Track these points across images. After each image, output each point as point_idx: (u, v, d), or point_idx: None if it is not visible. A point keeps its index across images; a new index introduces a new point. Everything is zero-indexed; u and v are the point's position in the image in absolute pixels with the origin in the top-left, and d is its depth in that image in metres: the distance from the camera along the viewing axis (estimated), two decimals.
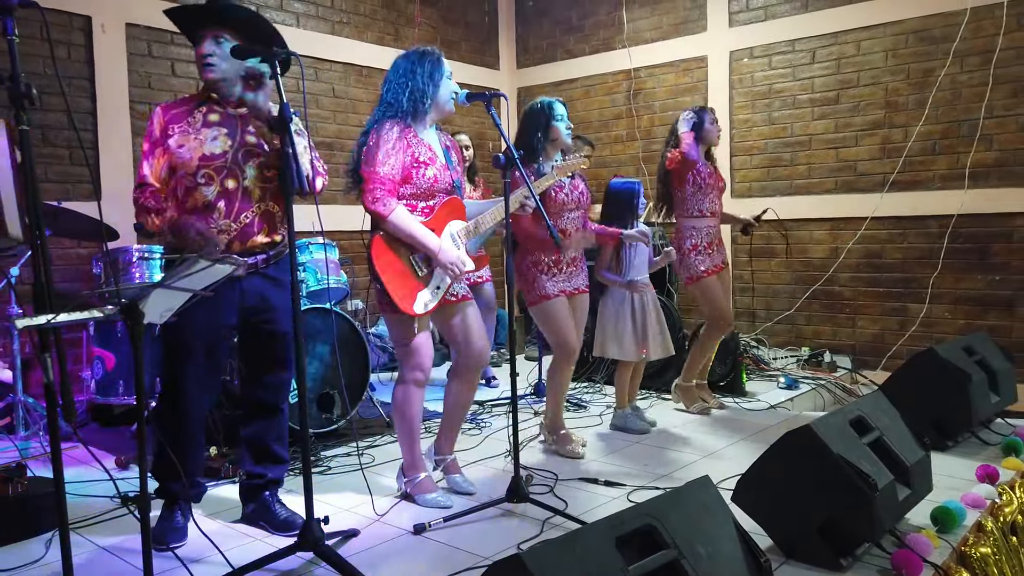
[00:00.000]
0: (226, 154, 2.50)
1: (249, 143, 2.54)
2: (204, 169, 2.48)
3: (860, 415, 2.55)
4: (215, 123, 2.52)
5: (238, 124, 2.55)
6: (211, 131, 2.51)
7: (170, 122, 2.51)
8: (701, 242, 4.09)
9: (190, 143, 2.48)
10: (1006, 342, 4.58)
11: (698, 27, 6.09)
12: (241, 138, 2.53)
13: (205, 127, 2.51)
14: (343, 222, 5.58)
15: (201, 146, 2.48)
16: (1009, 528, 2.68)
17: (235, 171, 2.51)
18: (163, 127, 2.50)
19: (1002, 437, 3.41)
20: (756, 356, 5.35)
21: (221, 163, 2.49)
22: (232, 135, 2.53)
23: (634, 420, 3.91)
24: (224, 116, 2.55)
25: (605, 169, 6.51)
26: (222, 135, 2.51)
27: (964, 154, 4.99)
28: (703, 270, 4.07)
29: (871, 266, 5.40)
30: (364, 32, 5.96)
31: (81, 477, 3.16)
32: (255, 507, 2.76)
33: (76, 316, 1.51)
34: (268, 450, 2.76)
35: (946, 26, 5.02)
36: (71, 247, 4.35)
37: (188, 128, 2.50)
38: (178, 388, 2.57)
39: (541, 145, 3.39)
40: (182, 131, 2.50)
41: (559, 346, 3.45)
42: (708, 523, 1.84)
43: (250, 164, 2.53)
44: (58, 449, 1.71)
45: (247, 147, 2.54)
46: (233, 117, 2.56)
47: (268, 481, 2.76)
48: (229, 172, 2.50)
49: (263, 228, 2.58)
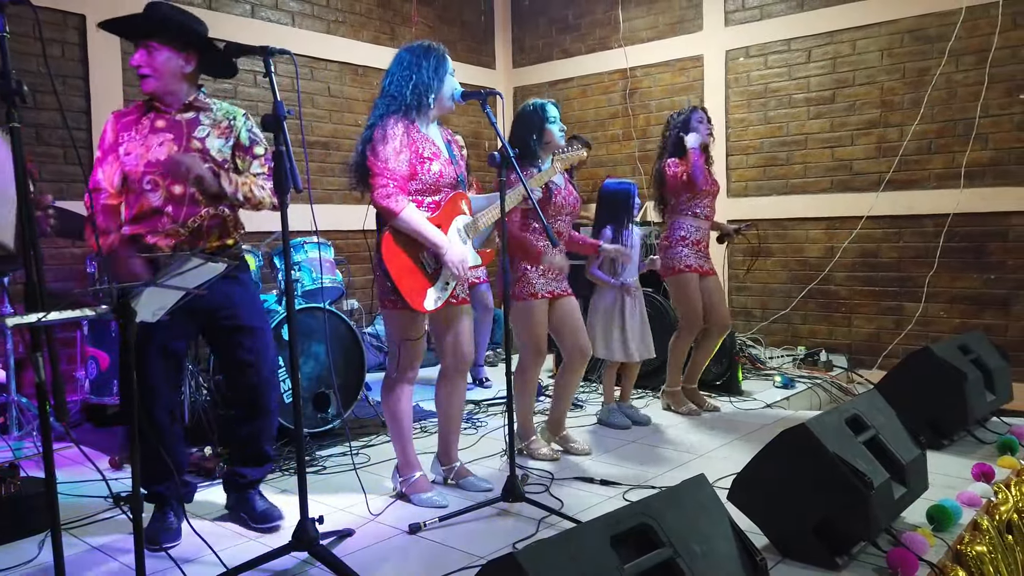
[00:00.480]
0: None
1: (195, 148, 2.55)
2: (150, 176, 2.50)
3: (856, 414, 2.55)
4: (161, 129, 2.55)
5: (184, 129, 2.57)
6: (157, 137, 2.53)
7: (121, 130, 2.56)
8: (690, 236, 4.08)
9: (137, 150, 2.52)
10: (1001, 341, 4.59)
11: (694, 26, 6.09)
12: (187, 143, 2.55)
13: (152, 133, 2.54)
14: (339, 222, 5.59)
15: (147, 152, 2.51)
16: (1005, 526, 2.68)
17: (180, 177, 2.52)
18: (116, 134, 2.55)
19: (998, 436, 3.41)
20: (752, 355, 5.35)
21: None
22: (178, 140, 2.54)
23: (617, 416, 3.93)
24: (170, 122, 2.57)
25: (601, 169, 6.51)
26: (168, 141, 2.53)
27: (960, 153, 4.99)
28: (686, 265, 4.06)
29: (867, 265, 5.40)
30: (360, 31, 5.95)
31: (74, 477, 3.14)
32: (237, 500, 2.78)
33: (66, 314, 1.50)
34: (254, 451, 2.77)
35: (941, 25, 5.02)
36: (65, 246, 4.33)
37: (136, 135, 2.54)
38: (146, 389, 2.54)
39: (536, 147, 3.38)
40: (130, 138, 2.54)
41: (530, 346, 3.40)
42: (704, 522, 1.83)
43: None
44: (50, 449, 1.70)
45: (192, 153, 2.54)
46: (179, 123, 2.57)
47: (252, 481, 2.79)
48: (174, 178, 2.51)
49: (213, 232, 2.61)
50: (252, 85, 5.26)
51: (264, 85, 5.30)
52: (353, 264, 5.75)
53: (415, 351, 2.89)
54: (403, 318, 2.82)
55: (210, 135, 2.60)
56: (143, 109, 2.60)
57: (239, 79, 5.18)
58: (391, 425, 2.98)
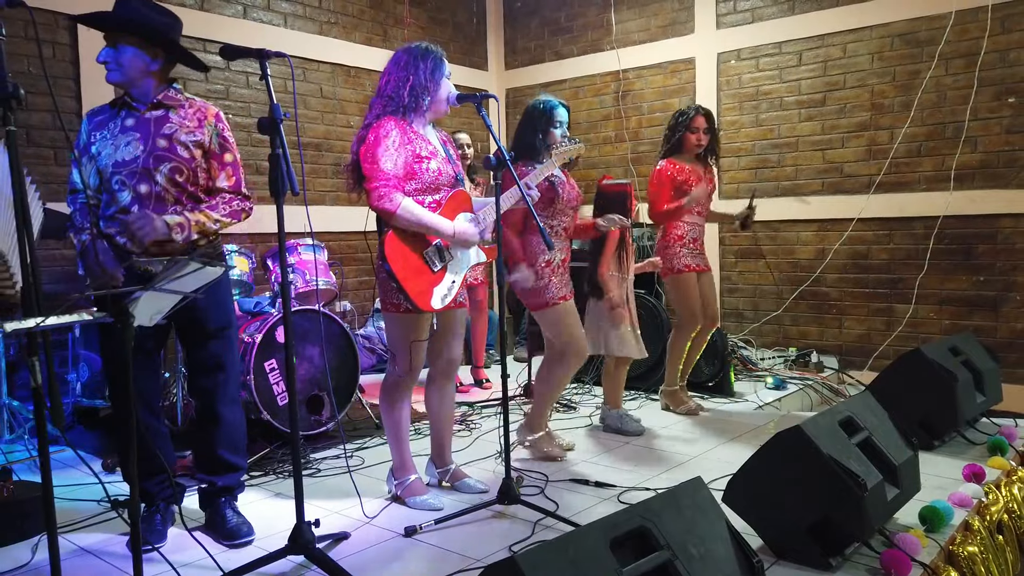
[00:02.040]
0: (137, 159, 2.50)
1: (160, 146, 2.52)
2: (118, 175, 2.50)
3: (849, 415, 2.57)
4: (130, 127, 2.54)
5: (151, 128, 2.55)
6: (126, 136, 2.52)
7: (93, 130, 2.55)
8: (687, 235, 4.11)
9: (107, 149, 2.52)
10: (991, 342, 4.63)
11: (686, 29, 6.12)
12: (152, 143, 2.52)
13: (121, 132, 2.53)
14: (332, 223, 5.59)
15: (116, 152, 2.51)
16: (996, 527, 2.70)
17: (146, 176, 2.51)
18: (88, 134, 2.55)
19: (987, 436, 3.44)
20: (744, 357, 5.38)
21: (132, 168, 2.50)
22: (144, 139, 2.52)
23: (629, 421, 3.89)
24: (139, 120, 2.55)
25: (594, 170, 6.52)
26: (135, 140, 2.52)
27: (949, 156, 5.03)
28: (685, 264, 4.09)
29: (857, 267, 5.44)
30: (352, 32, 5.94)
31: (67, 480, 3.12)
32: (209, 513, 2.72)
33: (66, 319, 1.49)
34: (215, 457, 2.68)
35: (931, 29, 5.06)
36: (56, 248, 4.31)
37: (107, 134, 2.54)
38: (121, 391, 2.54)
39: (543, 146, 3.38)
40: (102, 137, 2.53)
41: (570, 348, 3.37)
42: (701, 524, 1.84)
43: (160, 169, 2.51)
44: (46, 453, 1.69)
45: (158, 151, 2.52)
46: (147, 120, 2.56)
47: (219, 489, 2.70)
48: (140, 177, 2.50)
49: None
50: (244, 87, 5.24)
51: (256, 87, 5.29)
52: (346, 266, 5.74)
53: (421, 353, 2.88)
54: (409, 320, 2.81)
55: (176, 132, 2.55)
56: (116, 107, 2.58)
57: (231, 80, 5.17)
58: (388, 427, 2.98)
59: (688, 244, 4.11)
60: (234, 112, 5.17)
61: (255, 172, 5.21)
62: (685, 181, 4.07)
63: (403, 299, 2.73)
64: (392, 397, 2.94)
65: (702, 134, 4.11)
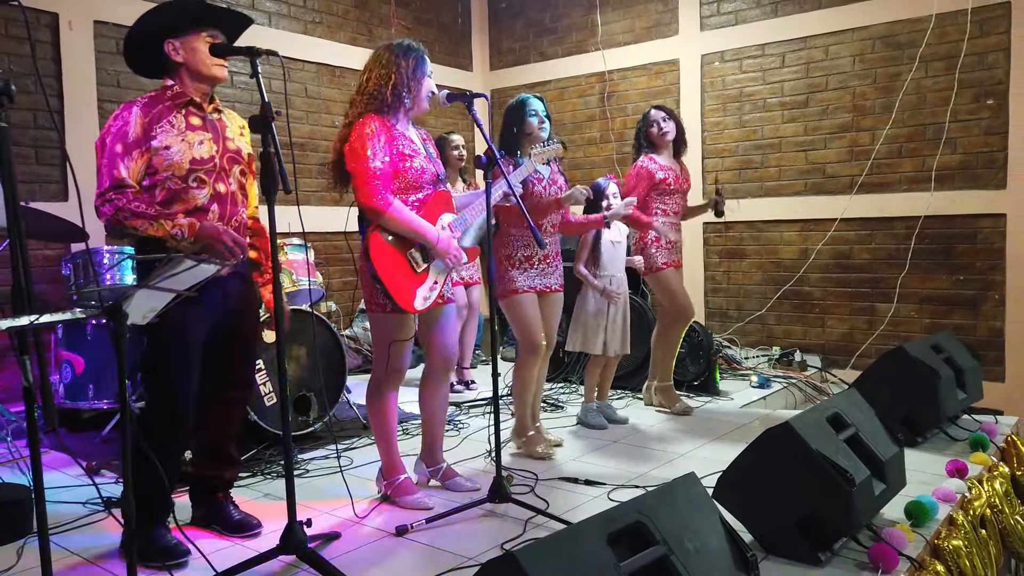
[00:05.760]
0: (213, 158, 2.49)
1: (231, 149, 2.56)
2: (195, 173, 2.45)
3: (837, 412, 2.60)
4: (198, 127, 2.50)
5: (219, 129, 2.56)
6: (196, 135, 2.48)
7: (151, 123, 2.43)
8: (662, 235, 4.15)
9: (178, 144, 2.43)
10: (970, 340, 4.70)
11: (670, 31, 6.16)
12: (224, 145, 2.54)
13: (189, 130, 2.47)
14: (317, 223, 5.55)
15: (190, 149, 2.45)
16: (979, 521, 2.75)
17: (223, 176, 2.51)
18: (145, 127, 2.41)
19: (969, 433, 3.49)
20: (728, 356, 5.42)
21: (211, 167, 2.48)
22: (216, 140, 2.52)
23: (594, 416, 3.95)
24: (205, 120, 2.53)
25: (579, 171, 6.55)
26: (207, 140, 2.50)
27: (930, 157, 5.11)
28: (664, 262, 4.12)
29: (840, 267, 5.50)
30: (337, 32, 5.92)
31: (51, 483, 3.08)
32: (208, 509, 2.72)
33: (60, 317, 1.48)
34: (224, 451, 2.72)
35: (912, 32, 5.13)
36: (38, 248, 4.26)
37: (172, 129, 2.44)
38: (174, 391, 2.47)
39: (516, 140, 3.40)
40: (164, 131, 2.43)
41: (522, 342, 3.44)
42: (696, 519, 1.86)
43: (234, 170, 2.55)
44: (38, 454, 1.68)
45: (230, 153, 2.55)
46: (213, 122, 2.55)
47: (224, 483, 2.73)
48: (219, 176, 2.50)
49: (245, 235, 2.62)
50: (229, 85, 5.20)
51: (240, 85, 5.26)
52: (331, 266, 5.72)
53: (404, 353, 2.88)
54: (393, 320, 2.81)
55: (235, 138, 2.59)
56: (172, 103, 2.47)
57: None
58: (376, 428, 2.97)
59: (664, 244, 4.15)
60: None
61: None
62: (664, 180, 4.11)
63: (386, 300, 2.73)
64: (378, 397, 2.93)
65: (661, 123, 4.15)
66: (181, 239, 2.37)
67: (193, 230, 2.38)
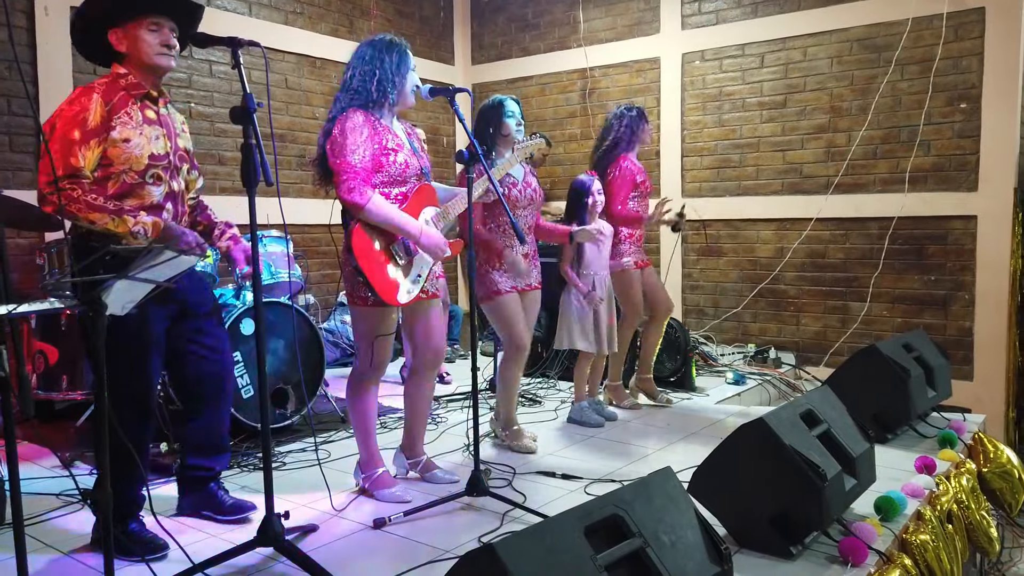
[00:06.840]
0: (168, 155, 2.47)
1: (180, 146, 2.55)
2: (153, 169, 2.42)
3: (810, 408, 2.65)
4: (154, 121, 2.46)
5: (170, 125, 2.54)
6: (152, 129, 2.44)
7: (111, 112, 2.35)
8: (635, 233, 4.18)
9: (137, 138, 2.38)
10: (940, 339, 4.79)
11: (651, 29, 6.19)
12: (175, 142, 2.52)
13: (147, 124, 2.43)
14: (296, 216, 5.53)
15: (149, 144, 2.40)
16: (946, 516, 2.82)
17: (175, 173, 2.50)
18: (104, 117, 2.33)
19: (938, 430, 3.57)
20: (705, 352, 5.48)
21: (166, 164, 2.46)
22: (169, 136, 2.50)
23: (589, 414, 3.97)
24: (157, 114, 2.49)
25: (559, 167, 6.57)
26: (162, 136, 2.47)
27: (904, 159, 5.19)
28: (631, 263, 4.14)
29: (815, 266, 5.58)
30: (318, 23, 5.88)
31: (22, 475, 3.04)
32: (199, 497, 2.73)
33: (39, 307, 1.47)
34: (217, 440, 2.74)
35: (888, 35, 5.21)
36: (11, 237, 4.19)
37: (131, 121, 2.38)
38: (143, 383, 2.46)
39: (492, 140, 3.41)
40: (124, 123, 2.36)
41: (509, 342, 3.46)
42: (671, 512, 1.89)
43: (183, 168, 2.55)
44: (13, 445, 1.66)
45: (180, 150, 2.54)
46: (165, 117, 2.52)
47: (216, 472, 2.76)
48: (172, 174, 2.48)
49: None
50: (208, 75, 5.16)
51: (219, 75, 5.21)
52: (309, 259, 5.69)
53: (383, 349, 2.88)
54: (376, 314, 2.82)
55: (182, 135, 2.58)
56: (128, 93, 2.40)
57: (193, 68, 5.09)
58: (356, 421, 2.97)
59: (636, 242, 4.18)
60: (196, 101, 5.09)
61: (217, 163, 5.13)
62: (643, 182, 4.15)
63: (369, 294, 2.73)
64: (359, 391, 2.93)
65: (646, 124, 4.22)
66: (143, 238, 2.31)
67: (157, 230, 2.35)
